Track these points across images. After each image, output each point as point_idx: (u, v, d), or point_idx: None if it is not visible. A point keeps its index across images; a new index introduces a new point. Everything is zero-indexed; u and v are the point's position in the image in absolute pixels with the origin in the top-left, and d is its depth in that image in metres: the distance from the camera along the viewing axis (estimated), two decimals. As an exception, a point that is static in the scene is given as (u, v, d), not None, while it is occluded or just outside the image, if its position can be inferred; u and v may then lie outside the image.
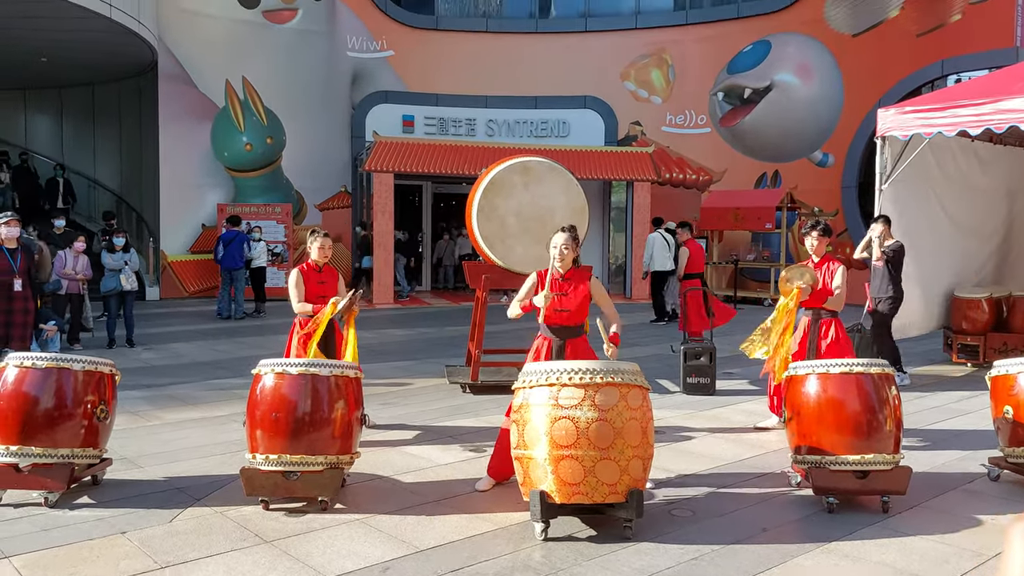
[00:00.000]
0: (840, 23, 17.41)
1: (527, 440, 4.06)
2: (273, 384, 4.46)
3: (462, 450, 5.71)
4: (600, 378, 3.95)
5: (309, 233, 6.02)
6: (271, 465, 4.40)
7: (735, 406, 7.20)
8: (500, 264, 7.32)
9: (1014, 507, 4.52)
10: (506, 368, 7.83)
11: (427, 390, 7.86)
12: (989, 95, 7.52)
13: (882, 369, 4.60)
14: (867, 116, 15.94)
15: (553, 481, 3.96)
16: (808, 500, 4.66)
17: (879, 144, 8.49)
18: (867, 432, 4.46)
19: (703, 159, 19.04)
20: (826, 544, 4.05)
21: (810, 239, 5.96)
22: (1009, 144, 10.00)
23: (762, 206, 16.26)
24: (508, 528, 4.24)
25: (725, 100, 18.89)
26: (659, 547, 3.99)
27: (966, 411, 7.02)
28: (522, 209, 7.27)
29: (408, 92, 18.82)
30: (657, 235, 13.82)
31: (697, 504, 4.62)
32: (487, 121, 19.01)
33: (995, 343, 9.08)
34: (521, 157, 7.54)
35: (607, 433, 3.91)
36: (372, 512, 4.45)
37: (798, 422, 4.69)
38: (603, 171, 17.19)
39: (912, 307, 9.15)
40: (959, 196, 9.54)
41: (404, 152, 16.40)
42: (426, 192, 19.45)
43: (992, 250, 10.13)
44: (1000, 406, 4.94)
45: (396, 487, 4.92)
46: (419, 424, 6.48)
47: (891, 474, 4.49)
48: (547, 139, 18.88)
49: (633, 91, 19.62)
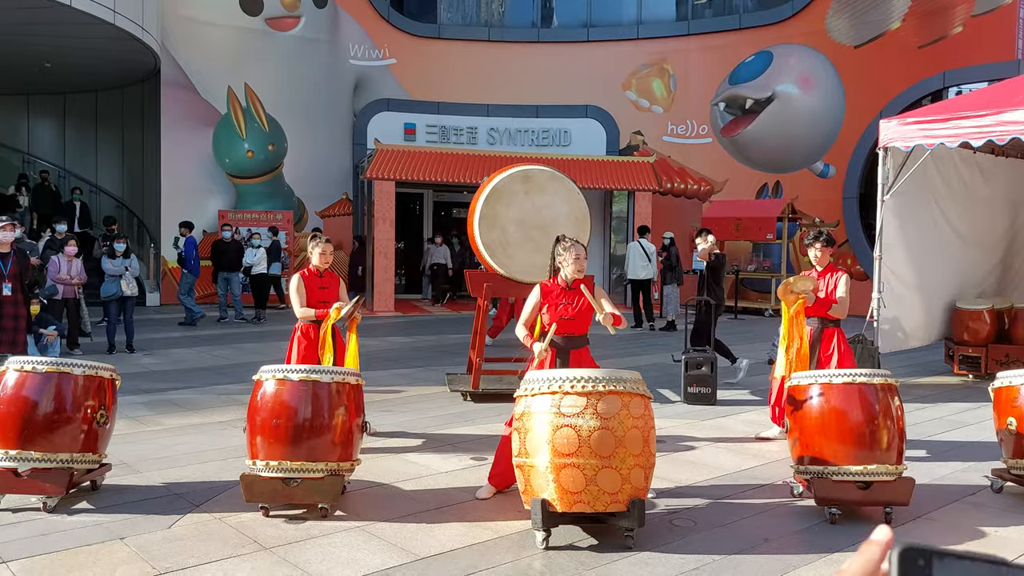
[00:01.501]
0: (842, 35, 17.46)
1: (529, 448, 4.04)
2: (274, 390, 4.45)
3: (463, 458, 5.68)
4: (603, 386, 3.94)
5: (310, 238, 6.02)
6: (271, 471, 4.38)
7: (736, 416, 7.18)
8: (501, 273, 7.32)
9: (1017, 519, 4.49)
10: (507, 376, 7.81)
11: (428, 398, 7.84)
12: (991, 107, 7.53)
13: (885, 380, 4.59)
14: (868, 127, 15.97)
15: (555, 489, 3.94)
16: (810, 511, 4.64)
17: (881, 155, 8.50)
18: (869, 443, 4.44)
19: (704, 169, 19.07)
20: (829, 555, 4.03)
21: (813, 250, 5.96)
22: (1011, 156, 10.00)
23: (763, 216, 16.27)
24: (509, 536, 4.21)
25: (726, 110, 18.92)
26: (660, 556, 3.97)
27: (967, 423, 7.00)
28: (524, 217, 7.27)
29: (410, 100, 18.86)
30: (635, 244, 13.97)
31: (698, 514, 4.60)
32: (488, 129, 19.05)
33: (997, 355, 9.06)
34: (523, 166, 7.54)
35: (609, 442, 3.89)
36: (372, 520, 4.42)
37: (800, 432, 4.66)
38: (605, 180, 17.21)
39: (914, 318, 9.15)
40: (961, 207, 9.54)
41: (405, 160, 16.42)
42: (427, 200, 19.47)
43: (995, 262, 10.12)
44: (1003, 418, 4.91)
45: (396, 494, 4.89)
46: (420, 432, 6.46)
47: (894, 485, 4.47)
48: (549, 148, 18.92)
49: (634, 101, 19.67)
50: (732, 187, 18.67)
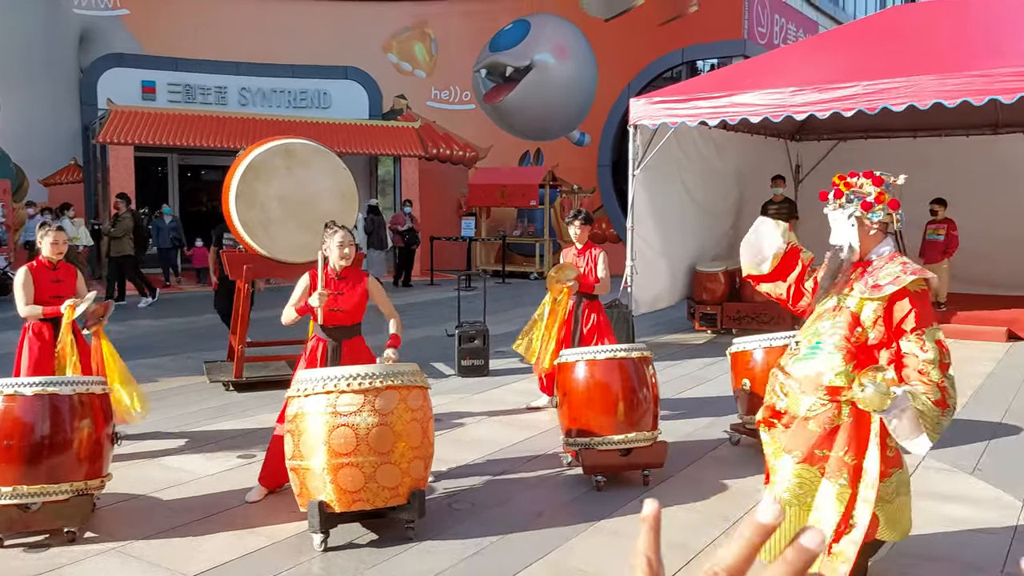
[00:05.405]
0: (593, 7, 18.32)
1: (303, 451, 3.88)
2: (3, 408, 3.89)
3: (229, 457, 5.34)
4: (380, 382, 3.86)
5: (39, 227, 5.29)
6: (4, 499, 3.85)
7: (509, 386, 7.40)
8: (264, 253, 6.92)
9: (752, 470, 5.04)
10: (274, 363, 7.46)
11: (185, 390, 7.27)
12: (724, 89, 8.26)
13: (641, 353, 4.94)
14: (619, 98, 17.01)
15: (332, 490, 3.82)
16: (579, 479, 4.90)
17: (631, 132, 9.06)
18: (629, 412, 4.77)
19: (469, 135, 19.31)
20: (597, 523, 4.28)
21: (573, 228, 6.23)
22: (741, 132, 11.09)
23: (526, 183, 16.83)
24: (285, 541, 4.04)
25: (488, 77, 19.24)
26: (441, 544, 4.00)
27: (709, 378, 7.73)
28: (286, 193, 6.89)
29: (147, 56, 17.19)
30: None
31: (476, 494, 4.69)
32: (240, 89, 17.91)
33: (731, 312, 10.12)
34: (283, 139, 7.14)
35: (388, 437, 3.83)
36: (129, 538, 4.04)
37: (568, 406, 4.91)
38: (369, 146, 16.88)
39: (662, 281, 9.95)
40: (699, 179, 10.47)
41: (145, 122, 15.04)
42: (172, 164, 17.99)
43: (727, 228, 11.23)
44: (739, 379, 5.48)
45: (155, 506, 4.51)
46: (178, 430, 5.99)
47: (651, 449, 4.84)
48: (307, 110, 18.17)
49: (396, 64, 19.41)
50: (496, 154, 19.09)
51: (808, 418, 3.08)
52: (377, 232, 15.11)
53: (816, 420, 3.06)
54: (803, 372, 3.13)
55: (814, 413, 3.06)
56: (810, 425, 3.08)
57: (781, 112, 8.20)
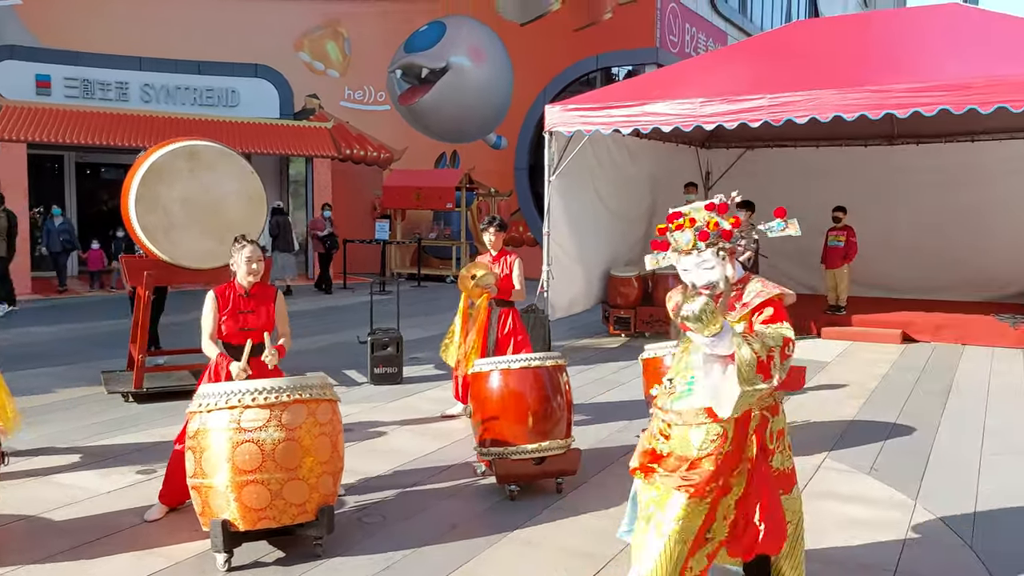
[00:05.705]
0: (508, 11, 18.37)
1: (206, 468, 3.72)
2: None
3: (127, 473, 5.09)
4: (287, 396, 3.74)
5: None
6: None
7: (423, 394, 7.31)
8: (165, 259, 6.64)
9: (664, 475, 5.11)
10: (176, 372, 7.16)
11: (80, 401, 6.90)
12: (637, 98, 8.40)
13: (556, 361, 4.94)
14: (535, 103, 17.10)
15: (236, 508, 3.68)
16: (492, 489, 4.87)
17: (547, 139, 9.11)
18: (544, 421, 4.76)
19: (383, 136, 19.09)
20: (510, 532, 4.26)
21: (488, 235, 6.19)
22: (653, 139, 11.29)
23: (442, 186, 16.74)
24: (186, 562, 3.87)
25: (403, 78, 19.06)
26: (350, 560, 3.91)
27: (622, 382, 7.83)
28: (189, 196, 6.63)
29: (41, 48, 16.30)
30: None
31: (387, 507, 4.61)
32: (142, 85, 17.22)
33: (644, 315, 10.30)
34: (187, 141, 6.87)
35: (295, 453, 3.72)
36: (16, 564, 3.80)
37: (482, 416, 4.87)
38: (280, 146, 16.49)
39: (577, 286, 10.05)
40: (613, 185, 10.62)
41: (39, 118, 14.33)
42: (68, 163, 17.14)
43: (640, 234, 11.42)
44: (651, 384, 5.54)
45: (46, 528, 4.25)
46: (72, 445, 5.67)
47: (564, 457, 4.85)
48: (214, 108, 17.61)
49: (308, 63, 19.01)
50: (411, 156, 18.93)
51: (701, 458, 3.01)
52: (283, 235, 14.68)
53: (710, 459, 2.99)
54: (685, 407, 3.09)
55: (706, 451, 3.01)
56: (704, 465, 3.01)
57: (691, 122, 8.38)
